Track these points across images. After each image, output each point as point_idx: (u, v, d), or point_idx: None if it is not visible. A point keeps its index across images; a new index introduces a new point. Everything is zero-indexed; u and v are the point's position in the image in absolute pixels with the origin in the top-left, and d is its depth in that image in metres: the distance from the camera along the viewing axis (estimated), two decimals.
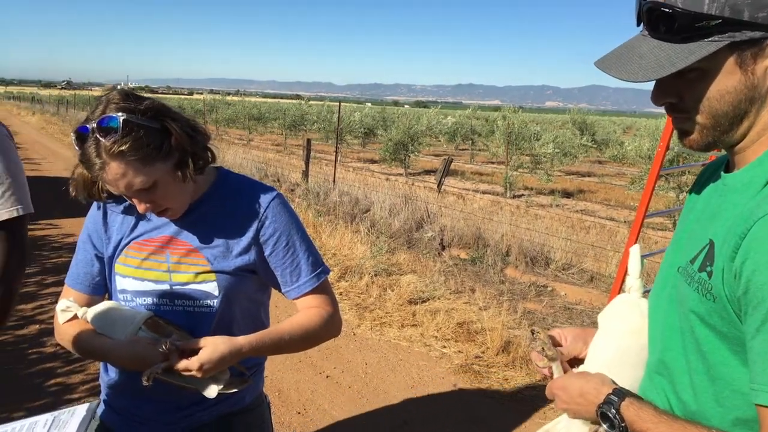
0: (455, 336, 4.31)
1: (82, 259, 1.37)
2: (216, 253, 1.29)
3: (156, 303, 1.29)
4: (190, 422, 1.35)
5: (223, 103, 32.99)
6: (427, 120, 20.74)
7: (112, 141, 1.09)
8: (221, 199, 1.33)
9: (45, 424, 0.78)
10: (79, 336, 1.27)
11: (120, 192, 1.17)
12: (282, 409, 3.35)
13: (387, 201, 7.95)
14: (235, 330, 1.33)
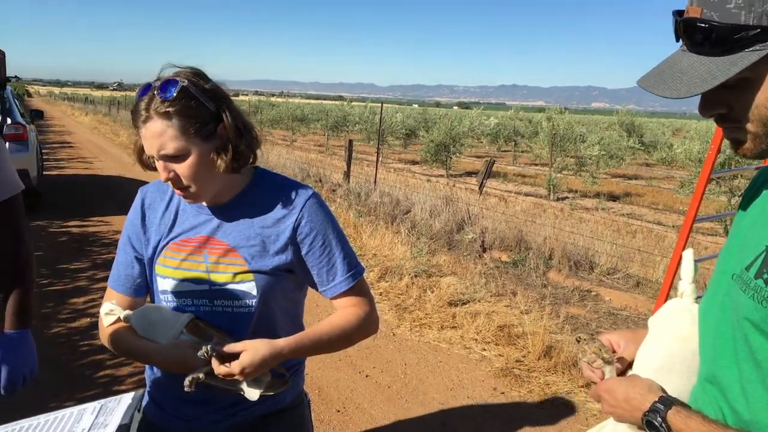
0: (496, 339, 4.27)
1: (122, 261, 1.38)
2: (253, 252, 1.29)
3: (196, 304, 1.30)
4: (233, 421, 1.37)
5: (267, 105, 33.52)
6: (469, 121, 20.60)
7: (164, 99, 1.14)
8: (258, 198, 1.33)
9: (93, 410, 0.81)
10: (123, 338, 1.28)
11: (151, 153, 1.19)
12: (322, 406, 3.38)
13: (428, 202, 7.93)
14: (274, 329, 1.34)
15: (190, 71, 1.22)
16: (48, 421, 0.81)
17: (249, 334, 1.29)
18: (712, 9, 0.77)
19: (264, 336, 1.24)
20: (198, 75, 1.22)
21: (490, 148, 26.59)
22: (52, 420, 0.81)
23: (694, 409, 0.89)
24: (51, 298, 4.72)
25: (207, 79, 1.23)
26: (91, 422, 0.78)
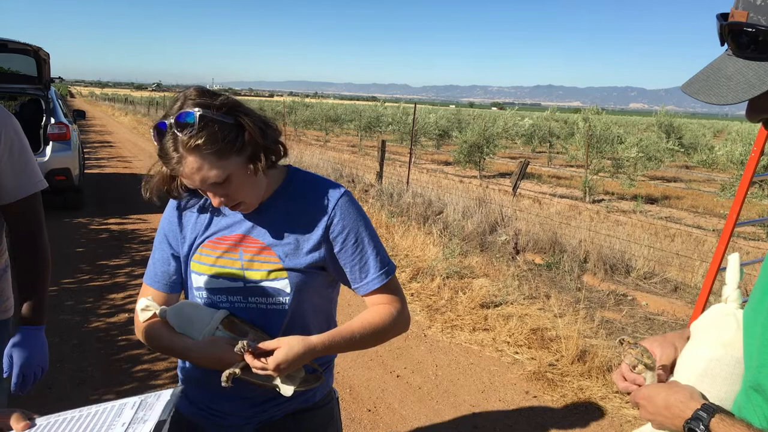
0: (528, 342, 4.22)
1: (159, 258, 1.40)
2: (287, 250, 1.31)
3: (231, 300, 1.32)
4: (264, 417, 1.39)
5: (301, 105, 33.80)
6: (503, 122, 20.45)
7: (189, 135, 1.13)
8: (291, 197, 1.34)
9: (133, 405, 0.83)
10: (159, 334, 1.30)
11: (195, 185, 1.20)
12: (353, 405, 3.39)
13: (460, 203, 7.89)
14: (307, 326, 1.36)
15: (195, 93, 1.20)
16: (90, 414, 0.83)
17: (282, 330, 1.31)
18: (758, 13, 0.75)
19: (297, 333, 1.26)
20: (204, 94, 1.20)
21: (525, 149, 26.31)
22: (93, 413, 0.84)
23: (738, 417, 0.86)
24: (91, 293, 4.85)
25: (214, 94, 1.22)
26: (131, 417, 0.80)
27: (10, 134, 1.64)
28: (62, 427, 0.83)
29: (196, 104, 1.16)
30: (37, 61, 7.48)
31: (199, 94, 1.19)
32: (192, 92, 1.20)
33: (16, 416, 0.88)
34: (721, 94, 0.78)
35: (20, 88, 7.96)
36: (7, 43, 7.01)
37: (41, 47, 7.22)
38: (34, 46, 7.11)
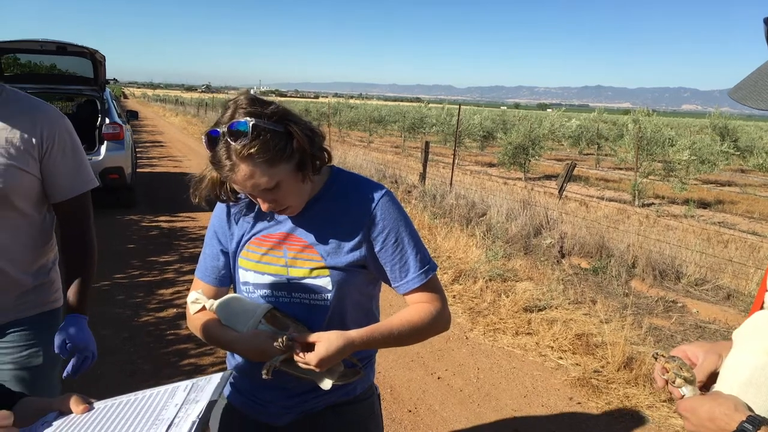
0: (573, 348, 4.15)
1: (209, 253, 1.47)
2: (329, 249, 1.34)
3: (275, 295, 1.36)
4: (305, 408, 1.42)
5: (346, 106, 34.05)
6: (549, 123, 20.10)
7: (242, 144, 1.15)
8: (334, 197, 1.37)
9: (185, 388, 0.87)
10: (207, 326, 1.36)
11: (247, 191, 1.24)
12: (393, 405, 3.40)
13: (504, 205, 7.81)
14: (348, 322, 1.38)
15: (246, 102, 1.22)
16: (145, 397, 0.87)
17: (324, 325, 1.34)
18: None
19: (337, 328, 1.28)
20: (255, 103, 1.22)
21: (572, 151, 25.82)
22: (148, 395, 0.87)
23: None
24: (141, 288, 5.00)
25: (264, 103, 1.24)
26: (183, 398, 0.83)
27: (64, 135, 1.72)
28: (119, 409, 0.87)
29: (248, 113, 1.19)
30: (94, 64, 7.76)
31: (250, 103, 1.21)
32: (243, 101, 1.22)
33: (75, 399, 0.93)
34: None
35: (77, 89, 8.28)
36: (66, 46, 7.30)
37: (97, 50, 7.49)
38: (90, 49, 7.38)
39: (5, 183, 1.59)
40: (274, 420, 1.43)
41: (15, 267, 1.69)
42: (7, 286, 1.68)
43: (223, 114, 1.21)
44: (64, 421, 0.89)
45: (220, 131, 1.18)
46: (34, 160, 1.66)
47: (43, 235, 1.78)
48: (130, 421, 0.82)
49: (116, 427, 0.82)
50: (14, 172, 1.61)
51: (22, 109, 1.67)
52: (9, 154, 1.60)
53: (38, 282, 1.77)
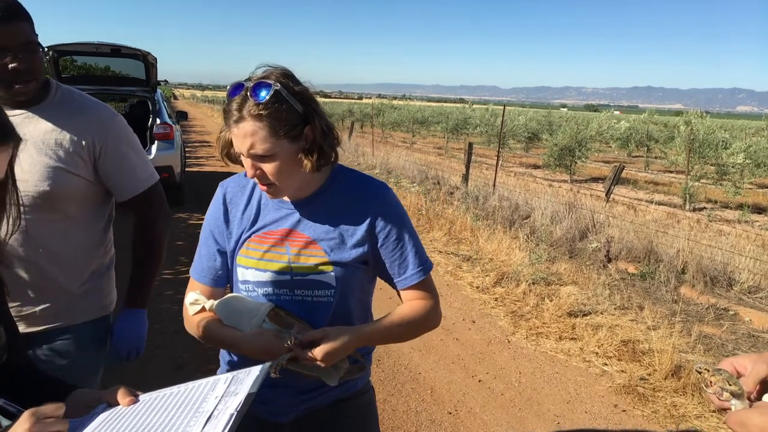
0: (618, 354, 4.05)
1: (205, 254, 1.45)
2: (332, 244, 1.34)
3: (277, 293, 1.35)
4: (310, 405, 1.43)
5: (389, 107, 34.11)
6: (597, 124, 19.66)
7: (257, 102, 1.18)
8: (336, 193, 1.38)
9: (226, 380, 0.89)
10: (208, 327, 1.35)
11: (239, 150, 1.23)
12: (434, 407, 3.39)
13: (549, 208, 7.69)
14: (350, 317, 1.39)
15: (281, 72, 1.24)
16: (187, 389, 0.90)
17: (327, 322, 1.35)
18: None
19: (340, 324, 1.31)
20: (288, 77, 1.25)
21: (620, 154, 25.22)
22: (190, 388, 0.90)
23: None
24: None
25: (297, 81, 1.26)
26: (223, 390, 0.86)
27: (118, 135, 1.73)
28: (162, 401, 0.90)
29: (278, 80, 1.21)
30: (146, 65, 7.99)
31: (284, 74, 1.24)
32: (279, 70, 1.25)
33: (122, 391, 0.96)
34: None
35: (130, 90, 8.54)
36: (120, 49, 7.55)
37: (150, 52, 7.72)
38: (143, 51, 7.61)
39: (52, 186, 1.59)
40: (278, 417, 1.43)
41: (64, 273, 1.68)
42: (56, 292, 1.68)
43: (256, 72, 1.24)
44: (111, 413, 0.92)
45: (245, 85, 1.21)
46: (85, 163, 1.66)
47: (95, 240, 1.77)
48: (172, 413, 0.84)
49: (159, 418, 0.85)
50: (62, 174, 1.61)
51: (75, 110, 1.67)
52: (57, 157, 1.61)
53: (88, 288, 1.75)
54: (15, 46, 1.47)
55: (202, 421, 0.79)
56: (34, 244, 1.61)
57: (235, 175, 1.46)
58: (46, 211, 1.62)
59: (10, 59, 1.47)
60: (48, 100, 1.65)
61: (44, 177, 1.59)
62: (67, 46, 7.43)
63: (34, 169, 1.58)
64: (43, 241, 1.63)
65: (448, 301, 5.18)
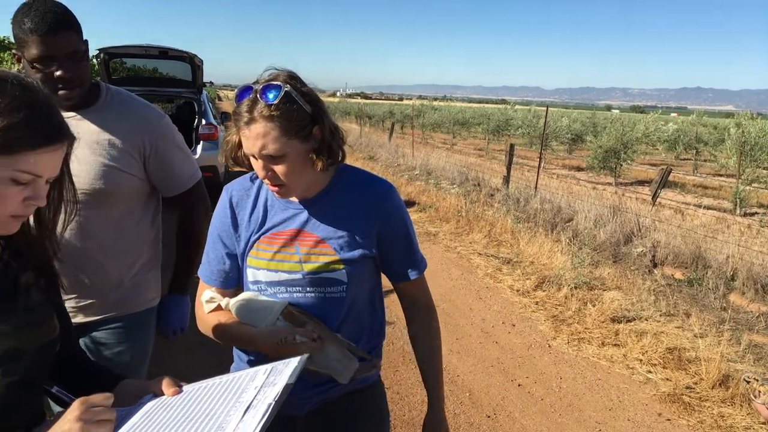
0: (663, 362, 3.95)
1: (213, 258, 1.47)
2: (341, 243, 1.36)
3: (290, 292, 1.37)
4: (323, 398, 1.44)
5: (429, 108, 34.02)
6: (643, 126, 19.17)
7: (268, 103, 1.20)
8: (343, 191, 1.39)
9: (265, 371, 0.91)
10: (223, 324, 1.38)
11: (251, 151, 1.24)
12: (472, 410, 3.37)
13: (592, 211, 7.54)
14: (362, 312, 1.44)
15: (288, 74, 1.27)
16: (229, 380, 0.93)
17: (340, 318, 1.38)
18: None
19: (352, 320, 1.40)
20: (295, 78, 1.27)
21: (667, 156, 24.55)
22: (232, 379, 0.93)
23: None
24: None
25: (303, 83, 1.28)
26: (263, 381, 0.88)
27: (166, 135, 1.81)
28: (205, 391, 0.92)
29: (286, 81, 1.24)
30: (192, 67, 8.18)
31: (290, 76, 1.27)
32: (285, 73, 1.28)
33: (167, 382, 0.99)
34: None
35: (176, 91, 8.76)
36: (168, 51, 7.75)
37: (196, 54, 7.90)
38: (190, 53, 7.80)
39: (106, 183, 1.67)
40: (292, 411, 1.44)
41: (115, 266, 1.77)
42: (107, 284, 1.77)
43: (262, 76, 1.26)
44: (157, 402, 0.96)
45: (254, 87, 1.23)
46: (136, 162, 1.74)
47: (144, 235, 1.86)
48: (214, 402, 0.87)
49: (201, 407, 0.88)
50: (115, 173, 1.68)
51: (125, 112, 1.74)
52: (111, 156, 1.68)
53: (137, 282, 1.84)
54: (61, 55, 1.53)
55: (241, 410, 0.82)
56: (89, 239, 1.70)
57: (239, 178, 1.48)
58: (100, 208, 1.69)
59: (56, 67, 1.54)
60: (99, 102, 1.72)
61: (98, 175, 1.66)
62: (118, 48, 7.67)
63: (89, 168, 1.65)
64: (96, 235, 1.71)
65: (488, 303, 5.14)
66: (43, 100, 0.94)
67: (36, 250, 1.09)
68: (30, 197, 0.94)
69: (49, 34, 1.49)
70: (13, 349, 0.95)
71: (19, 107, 0.90)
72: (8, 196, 0.91)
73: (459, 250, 6.89)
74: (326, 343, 1.31)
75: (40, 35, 1.49)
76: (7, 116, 0.88)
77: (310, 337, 1.25)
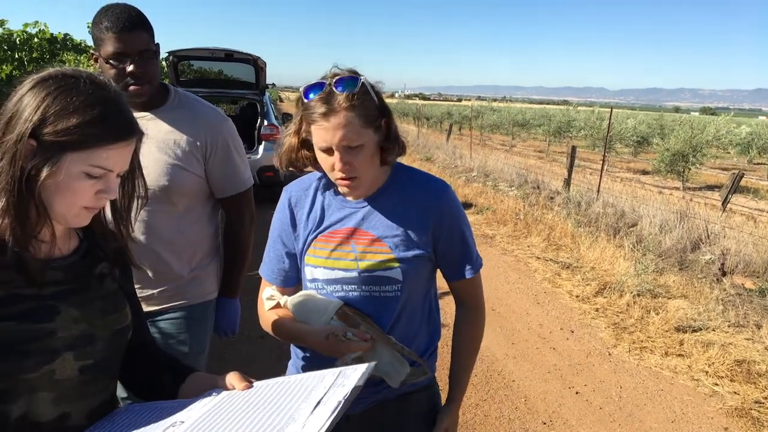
0: (731, 374, 3.78)
1: (274, 256, 1.51)
2: (397, 241, 1.37)
3: (345, 290, 1.39)
4: (376, 398, 1.45)
5: (488, 109, 33.62)
6: (714, 128, 18.34)
7: (348, 95, 1.23)
8: (399, 190, 1.40)
9: (334, 374, 0.94)
10: (282, 322, 1.43)
11: (328, 144, 1.25)
12: (527, 416, 3.32)
13: (658, 216, 7.28)
14: (416, 311, 1.45)
15: (350, 70, 1.30)
16: (298, 379, 0.96)
17: (394, 317, 1.39)
18: None
19: (406, 319, 1.41)
20: (357, 73, 1.30)
21: (739, 160, 23.40)
22: (300, 378, 0.96)
23: None
24: None
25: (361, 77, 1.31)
26: (332, 382, 0.91)
27: (226, 139, 1.90)
28: (275, 387, 0.95)
29: (360, 75, 1.28)
30: (256, 69, 8.40)
31: (352, 72, 1.30)
32: (346, 70, 1.31)
33: (238, 376, 1.02)
34: None
35: (240, 93, 9.01)
36: (233, 53, 7.98)
37: (260, 56, 8.10)
38: (253, 56, 8.00)
39: (170, 181, 1.76)
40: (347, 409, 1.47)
41: (177, 259, 1.86)
42: (168, 276, 1.86)
43: (328, 74, 1.29)
44: (227, 396, 0.99)
45: (326, 83, 1.25)
46: (198, 161, 1.83)
47: (203, 232, 1.95)
48: (283, 398, 0.90)
49: (271, 402, 0.90)
50: (179, 171, 1.78)
51: (192, 112, 1.84)
52: (175, 155, 1.78)
53: (196, 274, 1.93)
54: (134, 52, 1.65)
55: (312, 405, 0.84)
56: (153, 233, 1.80)
57: (297, 179, 1.52)
58: (164, 204, 1.79)
59: (128, 63, 1.65)
60: (168, 103, 1.83)
61: (164, 173, 1.76)
62: (186, 51, 7.96)
63: (155, 165, 1.75)
64: (160, 230, 1.81)
65: (546, 309, 5.04)
66: (114, 97, 0.99)
67: (111, 241, 1.15)
68: (102, 190, 0.99)
69: (124, 32, 1.62)
70: (87, 335, 1.01)
71: (92, 104, 0.95)
72: (81, 189, 0.97)
73: (516, 254, 6.79)
74: (378, 346, 1.32)
75: (115, 33, 1.61)
76: (81, 113, 0.93)
77: (362, 338, 1.27)
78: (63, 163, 0.94)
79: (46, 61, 9.32)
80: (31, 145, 0.93)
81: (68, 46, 9.81)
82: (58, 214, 0.99)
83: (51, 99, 0.93)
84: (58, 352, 0.96)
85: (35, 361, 0.94)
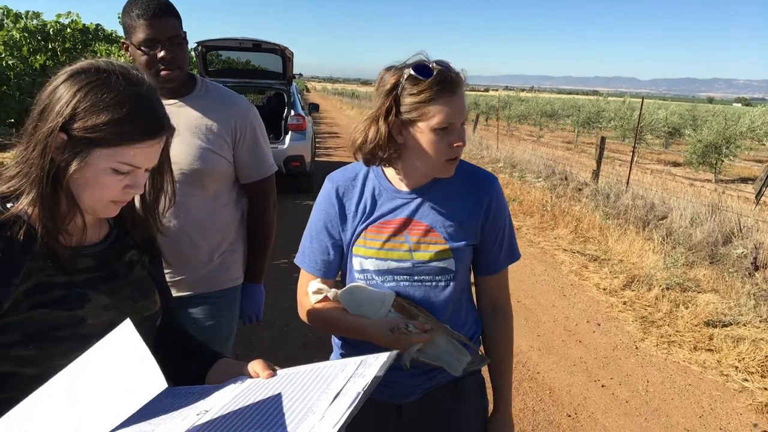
0: (762, 370, 3.71)
1: (318, 248, 1.47)
2: (451, 231, 1.38)
3: (397, 281, 1.39)
4: (431, 384, 1.46)
5: (516, 100, 33.25)
6: (749, 120, 17.87)
7: (458, 72, 1.30)
8: (451, 180, 1.41)
9: (355, 363, 0.94)
10: (333, 315, 1.39)
11: (453, 121, 1.28)
12: (552, 408, 3.31)
13: (689, 209, 7.14)
14: (462, 300, 1.46)
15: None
16: (320, 368, 0.97)
17: (448, 307, 1.40)
18: None
19: (457, 308, 1.43)
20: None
21: None
22: (322, 367, 0.97)
23: None
24: None
25: None
26: (352, 372, 0.91)
27: (253, 125, 1.95)
28: (297, 376, 0.97)
29: None
30: (283, 59, 8.42)
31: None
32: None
33: (263, 364, 1.03)
34: None
35: (268, 83, 9.05)
36: (261, 44, 8.02)
37: (287, 47, 8.13)
38: (281, 46, 8.03)
39: (203, 164, 1.82)
40: (400, 399, 1.46)
41: (207, 243, 1.91)
42: (199, 260, 1.91)
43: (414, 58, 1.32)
44: (250, 384, 1.00)
45: (431, 65, 1.28)
46: (228, 146, 1.88)
47: (231, 216, 1.99)
48: (305, 388, 0.91)
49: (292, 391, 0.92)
50: (210, 155, 1.83)
51: (219, 100, 1.90)
52: (207, 140, 1.83)
53: (223, 260, 1.97)
54: (164, 38, 1.70)
55: (330, 397, 0.85)
56: (185, 217, 1.84)
57: (341, 168, 1.51)
58: (196, 187, 1.84)
59: (159, 49, 1.70)
60: (196, 91, 1.89)
61: (196, 157, 1.82)
62: (214, 41, 8.02)
63: (188, 149, 1.81)
64: (192, 213, 1.85)
65: (572, 301, 5.00)
66: (146, 93, 1.00)
67: (141, 229, 1.17)
68: (129, 185, 1.01)
69: (155, 19, 1.67)
70: (116, 321, 1.04)
71: (122, 102, 0.95)
72: (109, 184, 0.99)
73: (543, 245, 6.74)
74: (436, 335, 1.31)
75: (146, 19, 1.67)
76: (111, 111, 0.94)
77: (421, 329, 1.27)
78: (91, 158, 0.95)
79: (78, 52, 9.50)
80: (61, 139, 0.94)
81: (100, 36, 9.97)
82: (87, 206, 1.01)
83: (82, 94, 0.94)
84: (88, 339, 0.96)
85: (66, 347, 0.96)
